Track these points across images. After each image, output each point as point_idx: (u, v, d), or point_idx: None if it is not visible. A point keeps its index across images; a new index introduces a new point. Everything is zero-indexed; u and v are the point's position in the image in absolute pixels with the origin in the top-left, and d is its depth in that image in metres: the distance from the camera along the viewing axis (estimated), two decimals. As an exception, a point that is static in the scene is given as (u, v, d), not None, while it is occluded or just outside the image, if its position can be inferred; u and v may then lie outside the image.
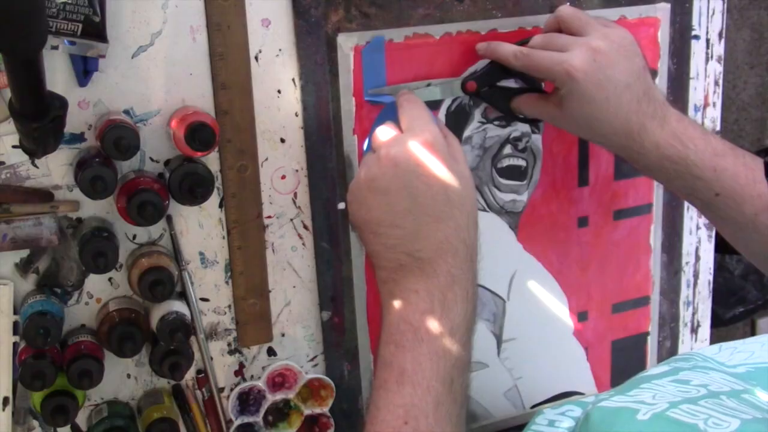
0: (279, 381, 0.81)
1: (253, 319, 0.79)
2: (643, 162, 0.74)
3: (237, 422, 0.80)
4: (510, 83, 0.82)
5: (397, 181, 0.62)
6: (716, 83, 0.95)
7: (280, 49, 0.75)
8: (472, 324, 0.62)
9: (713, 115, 0.96)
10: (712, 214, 0.76)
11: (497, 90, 0.82)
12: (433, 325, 0.59)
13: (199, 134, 0.69)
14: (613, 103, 0.72)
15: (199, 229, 0.76)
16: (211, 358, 0.79)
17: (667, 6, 0.89)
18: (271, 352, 0.81)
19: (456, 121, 0.83)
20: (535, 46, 0.76)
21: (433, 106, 0.81)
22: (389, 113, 0.70)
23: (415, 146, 0.63)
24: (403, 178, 0.62)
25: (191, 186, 0.70)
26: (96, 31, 0.66)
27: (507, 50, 0.76)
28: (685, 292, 0.99)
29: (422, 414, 0.57)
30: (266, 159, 0.76)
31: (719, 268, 1.72)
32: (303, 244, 0.80)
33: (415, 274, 0.61)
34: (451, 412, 0.58)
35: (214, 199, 0.75)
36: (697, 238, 0.99)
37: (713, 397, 0.50)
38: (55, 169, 0.70)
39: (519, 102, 0.81)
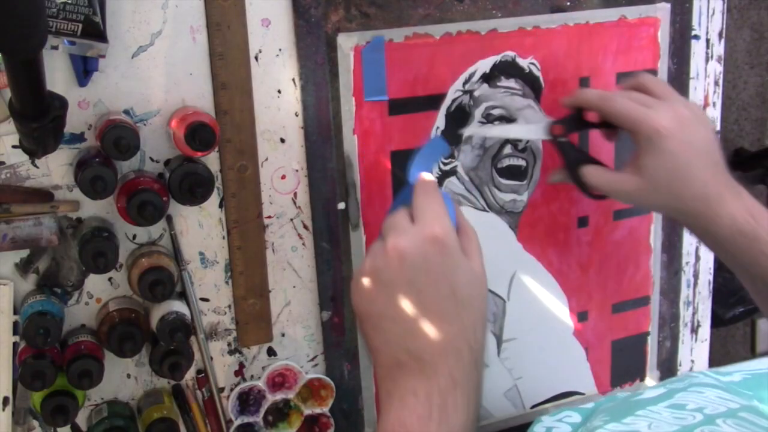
0: (279, 381, 0.81)
1: (253, 319, 0.79)
2: (715, 234, 0.72)
3: (237, 422, 0.80)
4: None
5: (402, 276, 0.59)
6: (716, 83, 0.95)
7: (280, 49, 0.75)
8: (473, 423, 0.58)
9: (713, 115, 0.96)
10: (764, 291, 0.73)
11: (572, 148, 0.81)
12: (430, 429, 0.55)
13: (199, 134, 0.69)
14: (694, 165, 0.71)
15: (199, 229, 0.76)
16: (211, 358, 0.79)
17: (667, 6, 0.89)
18: (271, 352, 0.81)
19: (456, 121, 0.83)
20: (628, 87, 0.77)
21: (434, 105, 0.81)
22: (407, 196, 0.66)
23: (424, 241, 0.59)
24: (409, 273, 0.59)
25: (191, 186, 0.70)
26: (96, 31, 0.66)
27: (593, 94, 0.77)
28: (685, 292, 0.99)
29: None
30: (266, 159, 0.76)
31: (719, 268, 1.72)
32: (303, 244, 0.80)
33: (414, 374, 0.57)
34: None
35: (214, 199, 0.75)
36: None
37: (709, 423, 0.49)
38: (55, 169, 0.70)
39: (591, 172, 0.79)
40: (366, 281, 0.60)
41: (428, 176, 0.67)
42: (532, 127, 0.82)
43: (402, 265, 0.59)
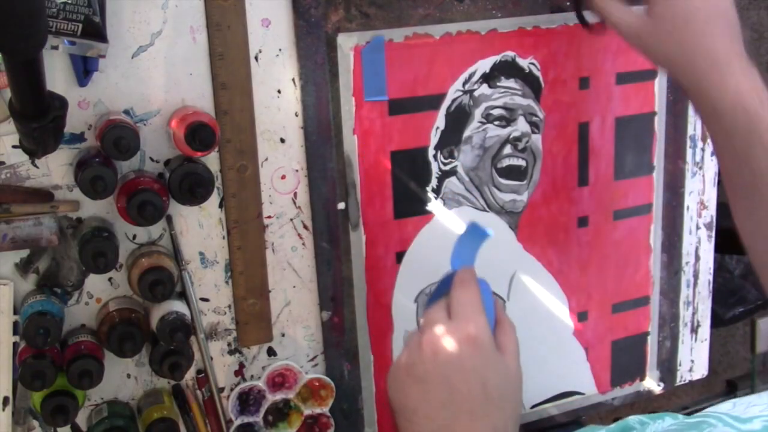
0: (279, 381, 0.81)
1: (253, 319, 0.79)
2: (716, 103, 0.66)
3: (237, 422, 0.80)
4: None
5: (436, 372, 0.59)
6: (716, 83, 0.95)
7: (280, 49, 0.75)
8: None
9: (713, 115, 0.96)
10: (751, 192, 0.67)
11: None
12: None
13: (199, 134, 0.69)
14: (711, 22, 0.67)
15: (199, 229, 0.76)
16: (211, 358, 0.79)
17: (667, 6, 0.89)
18: (271, 352, 0.81)
19: (456, 121, 0.83)
20: None
21: (434, 105, 0.81)
22: (446, 285, 0.65)
23: (459, 339, 0.59)
24: (442, 369, 0.58)
25: (191, 186, 0.70)
26: (96, 31, 0.66)
27: None
28: (685, 292, 0.99)
29: None
30: (266, 159, 0.76)
31: (719, 267, 1.72)
32: (303, 244, 0.80)
33: None
34: None
35: (214, 199, 0.75)
36: (697, 237, 0.99)
37: None
38: (55, 169, 0.70)
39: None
40: (402, 375, 0.60)
41: (468, 269, 0.66)
42: None
43: (436, 361, 0.59)
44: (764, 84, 0.67)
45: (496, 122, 0.84)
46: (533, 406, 0.94)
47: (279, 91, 0.76)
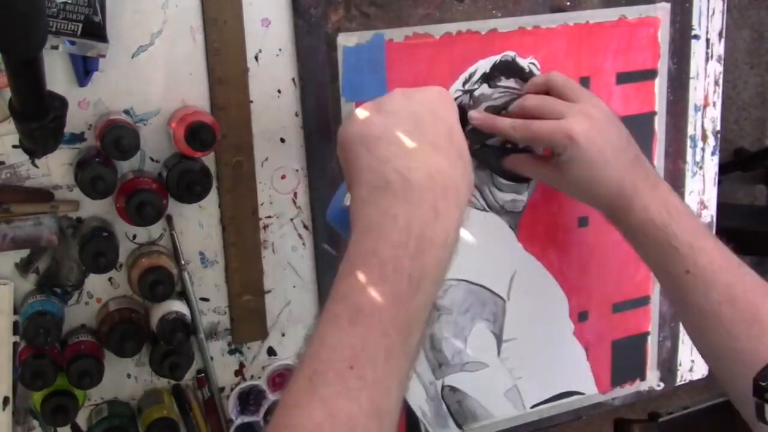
0: (279, 381, 0.81)
1: (247, 316, 0.79)
2: (628, 222, 0.76)
3: (237, 422, 0.80)
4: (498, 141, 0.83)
5: (406, 107, 0.60)
6: (716, 83, 0.95)
7: (280, 49, 0.75)
8: (443, 273, 0.56)
9: (713, 115, 0.96)
10: (678, 294, 0.75)
11: (489, 149, 0.83)
12: (403, 263, 0.53)
13: (199, 134, 0.69)
14: (611, 165, 0.75)
15: (199, 228, 0.76)
16: (212, 358, 0.79)
17: (667, 6, 0.89)
18: (271, 351, 0.81)
19: (456, 121, 0.83)
20: (528, 108, 0.78)
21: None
22: (342, 192, 0.66)
23: (430, 89, 0.63)
24: (412, 106, 0.60)
25: (189, 183, 0.70)
26: (96, 30, 0.66)
27: (504, 124, 0.78)
28: (685, 292, 0.99)
29: (370, 362, 0.50)
30: (266, 159, 0.76)
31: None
32: (303, 244, 0.80)
33: (398, 197, 0.55)
34: (402, 367, 0.52)
35: (214, 198, 0.75)
36: (698, 237, 0.98)
37: None
38: (55, 168, 0.70)
39: (513, 161, 0.83)
40: (365, 111, 0.61)
41: None
42: None
43: (407, 100, 0.61)
44: (673, 195, 0.76)
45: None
46: (533, 406, 0.94)
47: (279, 91, 0.76)
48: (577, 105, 0.77)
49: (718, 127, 0.97)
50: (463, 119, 0.82)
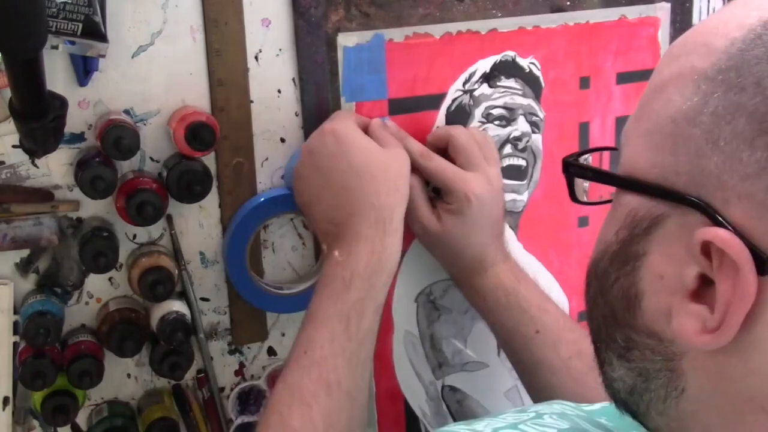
0: (279, 381, 0.81)
1: (248, 316, 0.79)
2: (479, 286, 0.78)
3: (237, 422, 0.80)
4: None
5: (311, 166, 0.72)
6: (716, 83, 0.95)
7: (280, 49, 0.75)
8: (378, 273, 0.68)
9: (713, 115, 0.96)
10: (529, 355, 0.77)
11: None
12: (337, 273, 0.67)
13: (199, 134, 0.69)
14: (485, 233, 0.78)
15: (200, 228, 0.76)
16: (212, 358, 0.79)
17: (667, 6, 0.89)
18: (271, 351, 0.81)
19: (456, 121, 0.82)
20: (450, 140, 0.78)
21: (434, 104, 0.81)
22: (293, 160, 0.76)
23: (322, 134, 0.72)
24: (315, 161, 0.71)
25: (189, 183, 0.70)
26: (96, 30, 0.66)
27: (414, 148, 0.76)
28: (685, 292, 0.99)
29: (318, 345, 0.65)
30: (266, 159, 0.76)
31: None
32: (303, 243, 0.80)
33: (332, 239, 0.70)
34: (346, 348, 0.65)
35: (214, 198, 0.75)
36: (698, 237, 0.98)
37: (537, 417, 0.52)
38: (55, 168, 0.70)
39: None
40: (296, 182, 0.73)
41: None
42: None
43: (310, 158, 0.72)
44: (519, 267, 0.80)
45: (497, 122, 0.84)
46: (533, 406, 0.94)
47: (279, 91, 0.76)
48: (483, 166, 0.77)
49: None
50: (464, 121, 0.83)
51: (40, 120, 0.58)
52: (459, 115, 0.83)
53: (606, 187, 0.49)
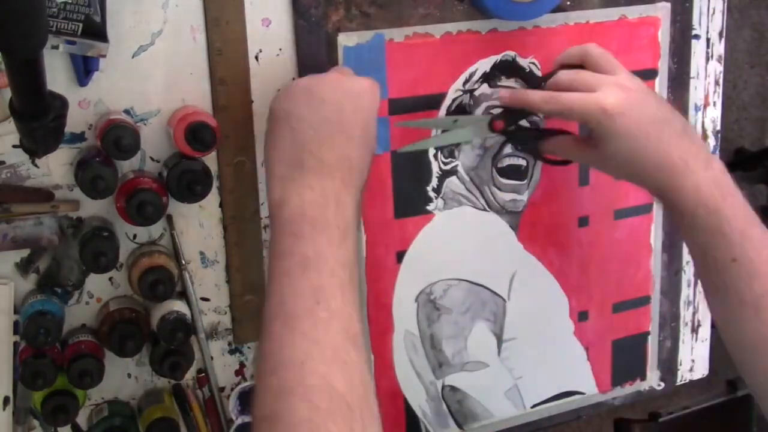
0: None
1: (249, 316, 0.79)
2: (678, 203, 0.72)
3: (237, 422, 0.80)
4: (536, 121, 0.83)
5: (332, 95, 0.66)
6: (717, 83, 0.95)
7: (280, 49, 0.75)
8: (357, 230, 0.65)
9: (713, 115, 0.96)
10: (719, 282, 0.72)
11: (525, 131, 0.82)
12: (329, 217, 0.62)
13: (199, 134, 0.69)
14: (653, 137, 0.71)
15: (200, 228, 0.76)
16: (212, 358, 0.79)
17: (668, 5, 0.89)
18: (271, 351, 0.81)
19: (456, 121, 0.83)
20: (561, 84, 0.75)
21: (434, 104, 0.81)
22: None
23: (358, 78, 0.68)
24: (338, 95, 0.66)
25: (189, 183, 0.70)
26: (96, 30, 0.66)
27: (535, 97, 0.75)
28: (685, 292, 0.99)
29: (330, 295, 0.59)
30: (267, 158, 0.76)
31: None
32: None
33: (312, 173, 0.64)
34: (354, 298, 0.61)
35: (214, 198, 0.75)
36: (698, 237, 0.98)
37: None
38: (55, 168, 0.70)
39: (552, 144, 0.81)
40: (298, 89, 0.67)
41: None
42: (472, 128, 0.81)
43: (337, 87, 0.67)
44: (726, 175, 0.72)
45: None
46: (533, 406, 0.94)
47: (279, 91, 0.75)
48: (611, 77, 0.74)
49: (719, 127, 0.97)
50: (464, 113, 0.83)
51: (41, 120, 0.58)
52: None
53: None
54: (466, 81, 0.82)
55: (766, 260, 0.70)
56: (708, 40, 0.93)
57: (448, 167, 0.84)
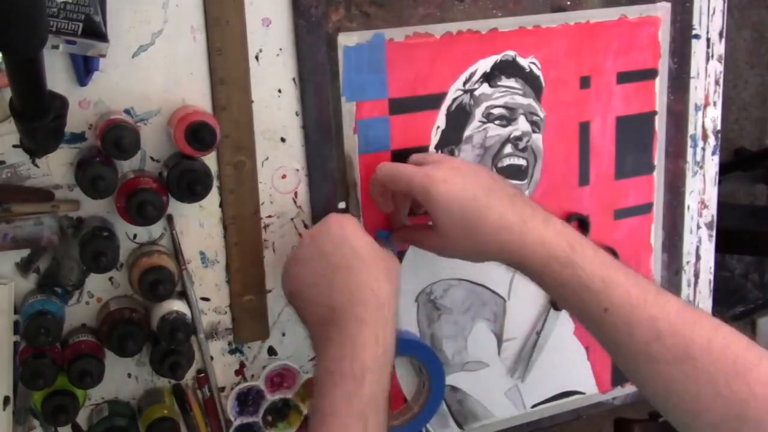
0: (278, 381, 0.81)
1: (249, 315, 0.79)
2: (530, 262, 0.68)
3: (237, 423, 0.80)
4: None
5: (314, 249, 0.70)
6: (717, 83, 0.95)
7: (280, 49, 0.75)
8: (385, 366, 0.65)
9: (714, 115, 0.96)
10: (603, 337, 0.67)
11: None
12: (345, 368, 0.64)
13: (199, 134, 0.69)
14: (483, 201, 0.69)
15: (200, 228, 0.76)
16: (212, 358, 0.79)
17: (668, 5, 0.89)
18: (271, 351, 0.81)
19: (456, 121, 0.83)
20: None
21: (434, 104, 0.81)
22: None
23: (327, 222, 0.71)
24: (318, 244, 0.70)
25: (189, 183, 0.70)
26: (96, 30, 0.66)
27: (379, 169, 0.76)
28: (685, 292, 0.99)
29: None
30: (267, 158, 0.76)
31: (720, 267, 1.72)
32: (303, 243, 0.80)
33: (331, 325, 0.67)
34: None
35: (214, 198, 0.75)
36: (698, 237, 0.99)
37: None
38: (55, 168, 0.70)
39: (400, 234, 0.81)
40: (289, 267, 0.72)
41: None
42: None
43: (312, 242, 0.70)
44: (569, 227, 0.69)
45: (497, 121, 0.84)
46: (533, 406, 0.94)
47: (279, 91, 0.76)
48: (445, 159, 0.75)
49: (719, 127, 0.97)
50: (464, 120, 0.83)
51: (41, 120, 0.58)
52: (459, 115, 0.83)
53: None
54: (467, 81, 0.82)
55: (636, 304, 0.65)
56: (708, 39, 0.93)
57: (449, 167, 0.83)
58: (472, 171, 0.73)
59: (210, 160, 0.74)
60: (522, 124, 0.85)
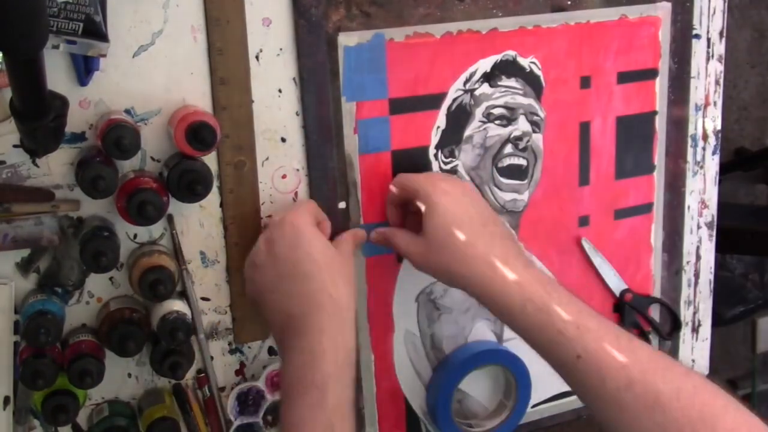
0: (278, 381, 0.81)
1: (249, 316, 0.79)
2: (505, 300, 0.69)
3: (237, 423, 0.80)
4: None
5: (269, 255, 0.71)
6: (717, 82, 0.95)
7: (280, 49, 0.75)
8: (348, 369, 0.67)
9: (714, 115, 0.96)
10: (576, 383, 0.67)
11: None
12: (307, 378, 0.65)
13: (200, 134, 0.69)
14: (476, 227, 0.72)
15: (200, 228, 0.76)
16: (212, 358, 0.79)
17: (668, 5, 0.89)
18: (272, 351, 0.81)
19: (457, 121, 0.83)
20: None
21: (435, 104, 0.81)
22: None
23: (282, 224, 0.71)
24: (273, 250, 0.71)
25: (190, 183, 0.70)
26: (97, 30, 0.66)
27: (393, 184, 0.79)
28: (686, 292, 0.99)
29: None
30: (267, 158, 0.76)
31: (720, 267, 1.72)
32: (304, 243, 0.80)
33: (293, 332, 0.68)
34: None
35: (214, 198, 0.75)
36: (698, 237, 0.98)
37: None
38: (56, 168, 0.70)
39: (379, 234, 0.80)
40: (249, 271, 0.73)
41: None
42: None
43: (267, 246, 0.71)
44: (548, 275, 0.72)
45: (497, 121, 0.84)
46: (533, 406, 0.94)
47: (280, 91, 0.76)
48: (451, 179, 0.79)
49: (719, 127, 0.97)
50: (464, 120, 0.83)
51: (41, 120, 0.58)
52: (459, 115, 0.83)
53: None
54: (467, 80, 0.82)
55: (609, 351, 0.65)
56: (708, 39, 0.93)
57: (449, 167, 0.83)
58: (478, 200, 0.76)
59: (210, 160, 0.74)
60: (522, 124, 0.85)
